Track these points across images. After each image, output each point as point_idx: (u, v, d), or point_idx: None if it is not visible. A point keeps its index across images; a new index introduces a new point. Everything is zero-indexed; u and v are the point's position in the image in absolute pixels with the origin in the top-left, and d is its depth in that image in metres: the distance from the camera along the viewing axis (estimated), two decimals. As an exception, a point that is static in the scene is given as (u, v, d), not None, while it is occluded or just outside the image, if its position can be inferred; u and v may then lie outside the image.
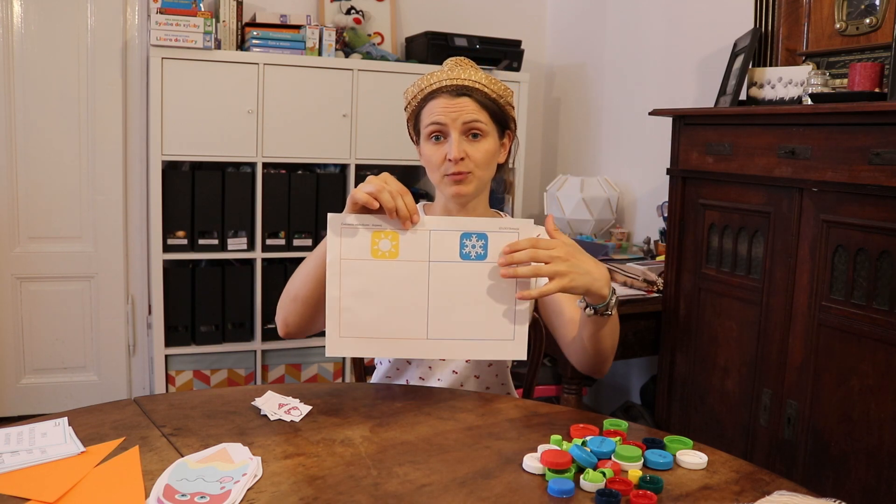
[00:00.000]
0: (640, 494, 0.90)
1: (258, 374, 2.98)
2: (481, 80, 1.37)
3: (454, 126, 1.34)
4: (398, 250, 1.16)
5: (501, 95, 1.40)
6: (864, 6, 2.03)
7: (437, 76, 1.38)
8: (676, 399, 2.24)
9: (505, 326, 1.17)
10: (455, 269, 1.16)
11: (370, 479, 0.94)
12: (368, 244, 1.16)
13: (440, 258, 1.16)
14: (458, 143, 1.34)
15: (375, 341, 1.18)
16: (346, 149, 2.96)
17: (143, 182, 3.01)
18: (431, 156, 1.38)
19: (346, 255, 1.16)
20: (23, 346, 2.95)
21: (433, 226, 1.17)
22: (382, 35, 3.28)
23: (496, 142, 1.40)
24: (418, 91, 1.40)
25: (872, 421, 1.65)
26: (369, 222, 1.16)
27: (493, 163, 1.41)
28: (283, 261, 2.96)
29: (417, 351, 1.20)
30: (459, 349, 1.19)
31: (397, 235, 1.16)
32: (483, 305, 1.17)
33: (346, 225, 1.16)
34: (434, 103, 1.37)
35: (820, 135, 1.76)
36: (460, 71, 1.38)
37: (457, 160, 1.34)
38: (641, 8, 3.06)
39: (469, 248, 1.16)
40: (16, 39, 2.81)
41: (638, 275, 2.41)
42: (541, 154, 3.72)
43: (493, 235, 1.16)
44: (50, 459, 0.95)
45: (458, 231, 1.17)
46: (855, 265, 1.69)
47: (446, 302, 1.17)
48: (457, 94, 1.36)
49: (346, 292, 1.16)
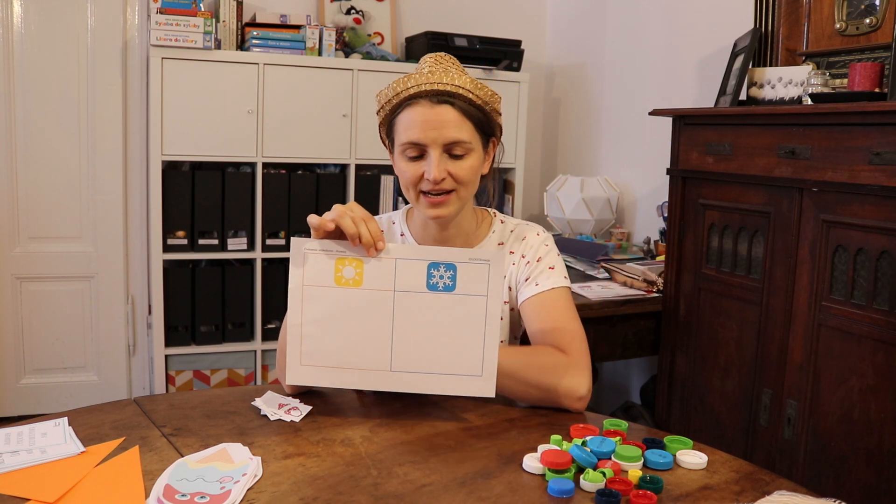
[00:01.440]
0: (640, 494, 0.90)
1: (258, 374, 2.98)
2: (465, 84, 1.23)
3: (434, 146, 1.21)
4: (362, 278, 1.11)
5: (488, 102, 1.26)
6: (864, 6, 2.03)
7: (414, 79, 1.22)
8: (676, 399, 2.24)
9: (472, 362, 1.11)
10: (421, 299, 1.10)
11: (370, 479, 0.94)
12: (332, 271, 1.11)
13: (406, 288, 1.11)
14: (439, 163, 1.22)
15: (337, 371, 1.12)
16: (346, 149, 2.96)
17: (143, 182, 3.01)
18: (408, 174, 1.25)
19: (308, 282, 1.11)
20: (23, 346, 2.95)
21: (399, 254, 1.11)
22: (382, 35, 3.28)
23: (480, 156, 1.27)
24: (393, 95, 1.24)
25: (872, 421, 1.65)
26: (333, 248, 1.11)
27: (478, 178, 1.29)
28: (283, 261, 2.96)
29: (380, 383, 1.13)
30: (424, 383, 1.12)
31: (362, 263, 1.11)
32: (450, 339, 1.11)
33: (309, 250, 1.11)
34: (411, 112, 1.23)
35: (820, 135, 1.76)
36: (442, 74, 1.23)
37: (437, 181, 1.22)
38: (641, 8, 3.06)
39: (437, 279, 1.11)
40: (16, 39, 2.81)
41: (638, 275, 2.41)
42: (541, 154, 3.72)
43: (462, 266, 1.10)
44: (50, 459, 0.95)
45: (425, 261, 1.11)
46: (855, 265, 1.69)
47: (411, 334, 1.11)
48: (437, 101, 1.21)
49: (308, 319, 1.11)
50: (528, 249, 1.36)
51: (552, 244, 1.39)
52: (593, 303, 2.23)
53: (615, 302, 2.26)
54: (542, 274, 1.32)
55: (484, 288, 1.10)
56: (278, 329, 1.97)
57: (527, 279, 1.33)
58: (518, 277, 1.35)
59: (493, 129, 1.31)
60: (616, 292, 2.33)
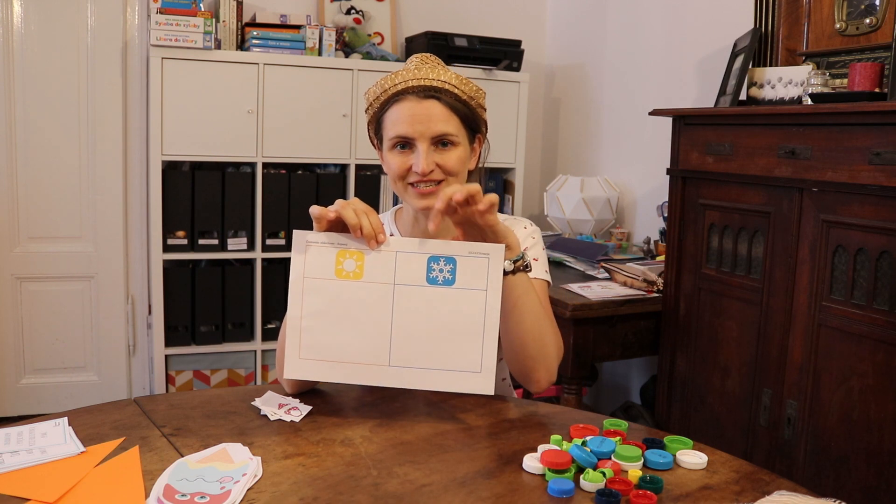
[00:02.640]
0: (640, 494, 0.90)
1: (258, 374, 2.98)
2: (451, 80, 1.26)
3: (422, 139, 1.25)
4: (363, 271, 1.11)
5: (473, 97, 1.29)
6: (864, 6, 2.03)
7: (401, 76, 1.26)
8: (676, 399, 2.24)
9: (471, 358, 1.10)
10: (421, 293, 1.10)
11: (370, 479, 0.94)
12: (333, 263, 1.11)
13: (406, 281, 1.11)
14: (427, 155, 1.25)
15: (336, 365, 1.12)
16: (346, 149, 2.96)
17: (143, 182, 3.01)
18: (395, 165, 1.27)
19: (309, 274, 1.11)
20: (23, 346, 2.95)
21: (399, 247, 1.11)
22: (382, 35, 3.28)
23: (467, 149, 1.30)
24: (381, 92, 1.28)
25: (872, 421, 1.65)
26: (335, 241, 1.11)
27: (465, 170, 1.31)
28: (283, 261, 2.96)
29: (379, 378, 1.12)
30: (422, 379, 1.11)
31: (362, 255, 1.11)
32: (449, 334, 1.10)
33: (310, 242, 1.11)
34: (398, 108, 1.26)
35: (820, 135, 1.76)
36: (428, 70, 1.27)
37: (426, 173, 1.25)
38: (641, 8, 3.06)
39: (436, 273, 1.11)
40: (16, 39, 2.81)
41: (638, 275, 2.41)
42: (541, 154, 3.72)
43: (461, 260, 1.10)
44: (50, 459, 0.95)
45: (425, 254, 1.11)
46: (855, 265, 1.69)
47: (411, 328, 1.11)
48: (424, 96, 1.25)
49: (308, 312, 1.11)
50: None
51: (539, 238, 1.41)
52: (593, 303, 2.23)
53: (615, 302, 2.26)
54: None
55: (483, 282, 1.11)
56: (278, 329, 1.97)
57: None
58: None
59: (479, 125, 1.33)
60: (616, 292, 2.33)
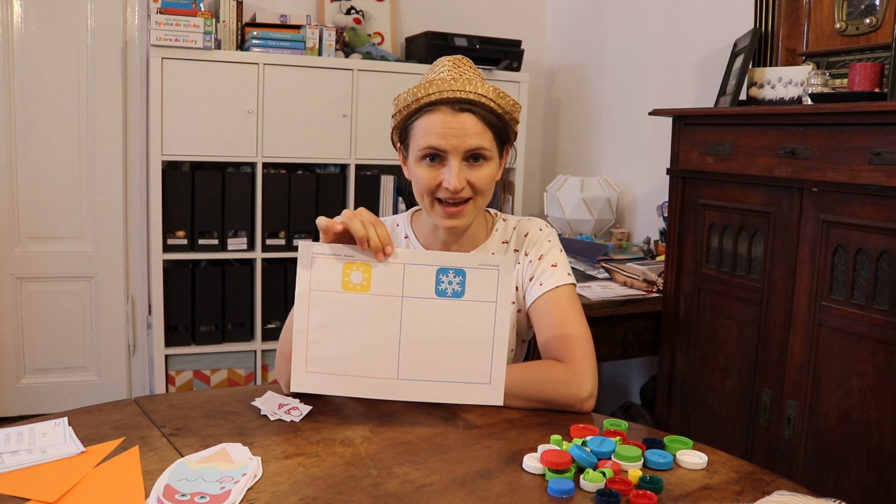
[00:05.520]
0: (640, 494, 0.90)
1: (258, 374, 2.98)
2: (488, 93, 1.22)
3: (455, 153, 1.21)
4: (370, 283, 1.09)
5: (508, 112, 1.26)
6: (864, 6, 2.03)
7: (436, 85, 1.22)
8: (676, 399, 2.24)
9: (481, 369, 1.10)
10: (430, 306, 1.09)
11: (370, 479, 0.94)
12: (339, 276, 1.10)
13: (414, 294, 1.09)
14: (459, 172, 1.21)
15: (343, 378, 1.11)
16: (346, 149, 2.96)
17: (143, 182, 3.01)
18: (424, 179, 1.24)
19: (315, 286, 1.10)
20: (23, 346, 2.95)
21: (408, 259, 1.10)
22: (382, 35, 3.28)
23: (497, 163, 1.27)
24: (413, 100, 1.23)
25: (872, 421, 1.65)
26: (341, 252, 1.10)
27: (493, 187, 1.28)
28: (283, 261, 2.96)
29: (387, 391, 1.11)
30: (431, 391, 1.11)
31: (370, 268, 1.09)
32: (458, 346, 1.09)
33: (316, 254, 1.10)
34: (431, 119, 1.22)
35: (820, 135, 1.76)
36: (465, 82, 1.22)
37: (457, 191, 1.22)
38: (641, 8, 3.06)
39: (445, 285, 1.09)
40: (16, 39, 2.81)
41: (638, 275, 2.41)
42: (541, 154, 3.72)
43: (471, 272, 1.09)
44: (50, 459, 0.95)
45: (434, 266, 1.09)
46: (855, 265, 1.69)
47: (419, 341, 1.09)
48: (459, 108, 1.21)
49: (314, 325, 1.10)
50: (532, 246, 1.36)
51: (555, 239, 1.38)
52: (593, 303, 2.23)
53: (615, 302, 2.27)
54: (546, 272, 1.33)
55: (493, 294, 1.09)
56: (278, 329, 1.97)
57: (531, 278, 1.34)
58: (523, 276, 1.36)
59: (510, 137, 1.31)
60: (616, 292, 2.33)
